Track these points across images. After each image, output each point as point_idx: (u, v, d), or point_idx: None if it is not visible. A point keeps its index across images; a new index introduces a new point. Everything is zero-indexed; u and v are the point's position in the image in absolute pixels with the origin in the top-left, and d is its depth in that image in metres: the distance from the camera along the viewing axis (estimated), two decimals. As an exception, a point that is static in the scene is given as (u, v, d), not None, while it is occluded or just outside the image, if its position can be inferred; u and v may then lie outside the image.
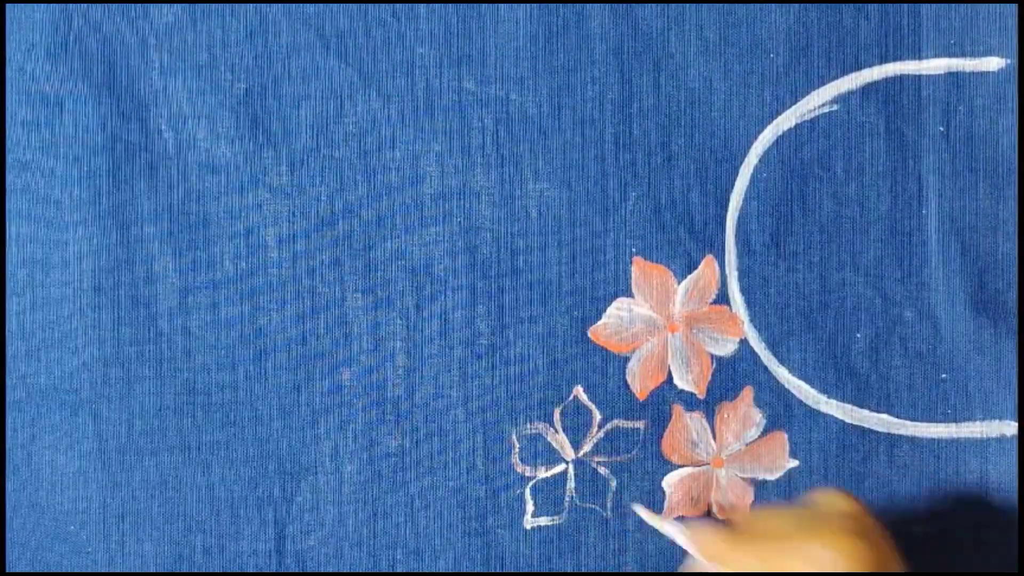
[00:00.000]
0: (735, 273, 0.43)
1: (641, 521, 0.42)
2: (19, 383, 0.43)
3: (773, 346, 0.42)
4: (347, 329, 0.42)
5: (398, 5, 0.42)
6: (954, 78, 0.42)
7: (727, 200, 0.43)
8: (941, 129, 0.42)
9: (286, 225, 0.42)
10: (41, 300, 0.43)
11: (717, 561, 0.36)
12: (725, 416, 0.43)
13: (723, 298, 0.43)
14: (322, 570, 0.43)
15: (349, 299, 0.42)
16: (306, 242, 0.42)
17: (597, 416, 0.43)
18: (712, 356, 0.43)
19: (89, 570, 0.43)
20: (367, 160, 0.42)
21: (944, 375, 0.42)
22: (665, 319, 0.42)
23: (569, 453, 0.43)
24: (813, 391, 0.42)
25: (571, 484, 0.42)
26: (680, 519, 0.42)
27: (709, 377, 0.43)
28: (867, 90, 0.42)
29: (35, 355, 0.43)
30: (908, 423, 0.42)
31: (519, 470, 0.42)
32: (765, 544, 0.35)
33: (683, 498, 0.43)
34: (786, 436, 0.42)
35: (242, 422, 0.42)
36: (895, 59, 0.42)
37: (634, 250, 0.43)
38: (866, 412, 0.42)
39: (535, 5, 0.42)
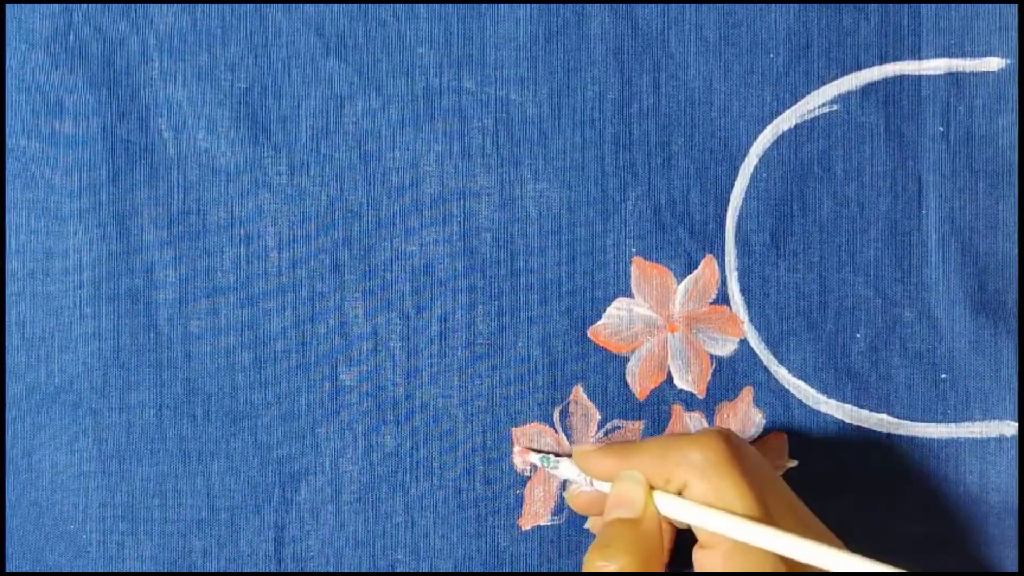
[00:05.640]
0: (735, 273, 0.43)
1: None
2: (19, 383, 0.43)
3: (773, 346, 0.43)
4: (347, 331, 0.42)
5: (398, 5, 0.42)
6: (954, 78, 0.42)
7: (727, 200, 0.43)
8: (941, 129, 0.42)
9: (286, 226, 0.43)
10: (42, 300, 0.43)
11: (605, 478, 0.38)
12: (725, 416, 0.43)
13: (723, 298, 0.43)
14: (321, 571, 0.43)
15: (349, 300, 0.42)
16: (306, 243, 0.42)
17: (597, 416, 0.43)
18: (712, 356, 0.43)
19: (89, 570, 0.43)
20: (367, 161, 0.42)
21: (944, 375, 0.42)
22: (665, 319, 0.43)
23: (569, 453, 0.43)
24: (813, 391, 0.42)
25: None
26: (550, 454, 0.42)
27: (709, 377, 0.43)
28: (867, 90, 0.42)
29: (35, 355, 0.43)
30: (908, 423, 0.42)
31: (519, 470, 0.43)
32: (647, 452, 0.36)
33: (683, 498, 0.43)
34: (786, 436, 0.42)
35: (242, 423, 0.43)
36: (895, 59, 0.42)
37: (634, 250, 0.43)
38: (866, 412, 0.42)
39: (535, 5, 0.42)
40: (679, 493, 0.36)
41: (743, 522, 0.34)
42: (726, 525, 0.34)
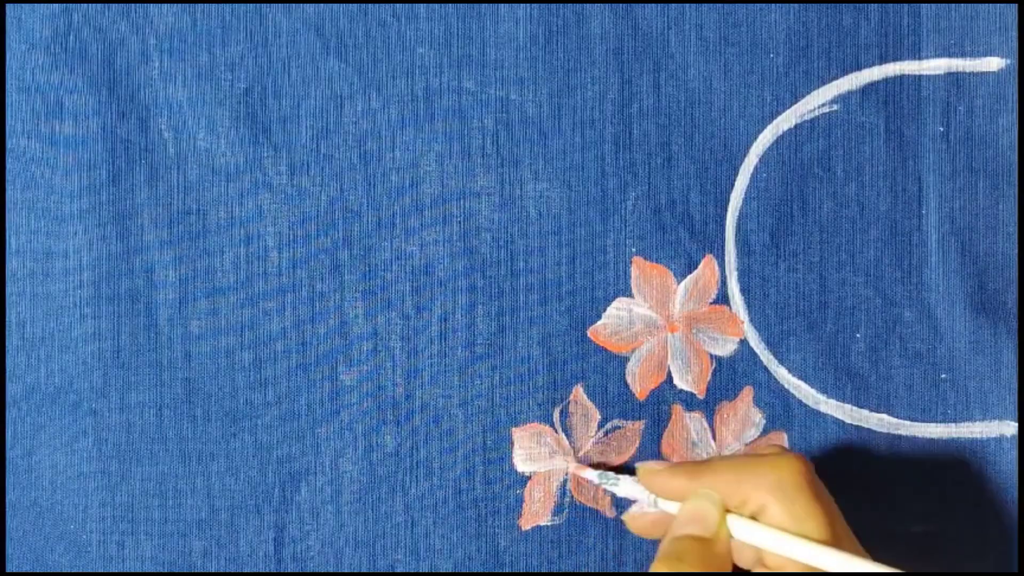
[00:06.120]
0: (735, 273, 0.43)
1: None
2: (19, 384, 0.43)
3: (773, 346, 0.43)
4: (347, 331, 0.42)
5: (398, 5, 0.42)
6: (954, 78, 0.42)
7: (727, 200, 0.43)
8: (941, 129, 0.42)
9: (286, 226, 0.43)
10: (42, 301, 0.43)
11: (674, 498, 0.37)
12: (725, 416, 0.43)
13: (723, 298, 0.43)
14: (321, 571, 0.43)
15: (349, 301, 0.42)
16: (306, 243, 0.42)
17: (597, 416, 0.43)
18: (712, 356, 0.43)
19: (89, 570, 0.43)
20: (367, 161, 0.42)
21: (944, 375, 0.42)
22: (665, 319, 0.43)
23: (569, 453, 0.43)
24: (813, 391, 0.42)
25: (571, 484, 0.42)
26: (621, 469, 0.42)
27: (709, 377, 0.43)
28: (867, 90, 0.42)
29: (35, 356, 0.43)
30: (908, 423, 0.42)
31: (519, 470, 0.43)
32: (722, 472, 0.36)
33: (683, 498, 0.43)
34: (786, 436, 0.42)
35: (242, 424, 0.43)
36: (895, 59, 0.42)
37: (634, 250, 0.43)
38: (866, 412, 0.42)
39: (535, 5, 0.42)
40: (753, 517, 0.35)
41: (824, 549, 0.33)
42: (805, 552, 0.33)
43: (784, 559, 0.34)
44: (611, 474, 0.40)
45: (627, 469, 0.42)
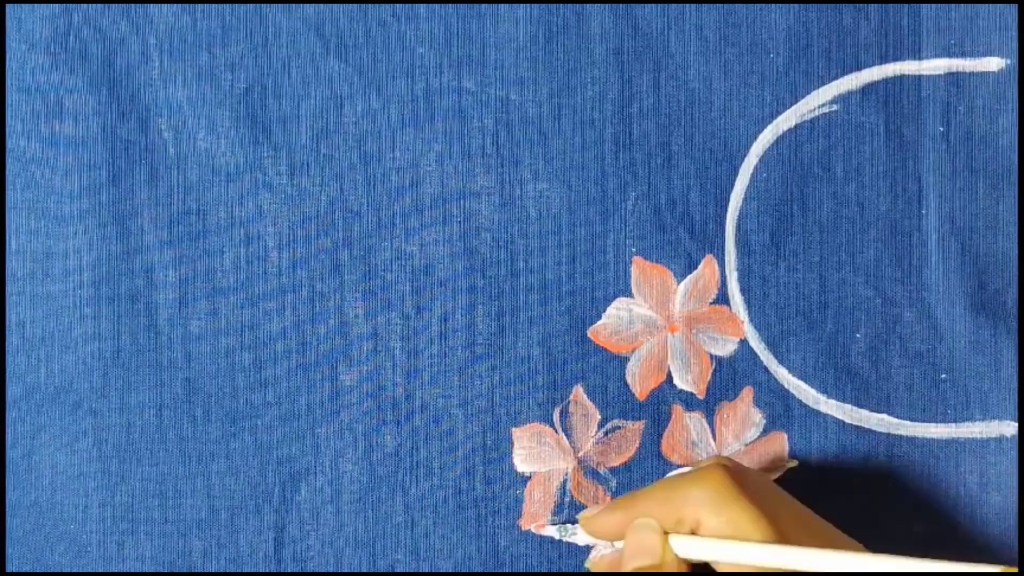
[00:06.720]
0: (735, 273, 0.43)
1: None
2: (19, 384, 0.43)
3: (773, 346, 0.43)
4: (347, 331, 0.42)
5: (398, 5, 0.42)
6: (954, 78, 0.42)
7: (727, 200, 0.43)
8: (941, 129, 0.42)
9: (286, 226, 0.43)
10: (42, 301, 0.43)
11: (618, 537, 0.37)
12: (725, 416, 0.43)
13: (723, 298, 0.43)
14: (321, 571, 0.43)
15: (349, 301, 0.42)
16: (306, 244, 0.42)
17: (597, 416, 0.43)
18: (712, 356, 0.43)
19: (89, 570, 0.43)
20: (367, 161, 0.42)
21: (944, 375, 0.42)
22: (665, 319, 0.43)
23: (569, 453, 0.43)
24: (813, 391, 0.42)
25: (571, 484, 0.42)
26: (565, 522, 0.42)
27: (709, 377, 0.43)
28: (867, 90, 0.42)
29: (36, 356, 0.43)
30: (908, 423, 0.42)
31: (519, 470, 0.43)
32: (652, 498, 0.36)
33: (683, 498, 0.43)
34: (786, 436, 0.42)
35: (242, 424, 0.43)
36: (895, 59, 0.42)
37: (634, 250, 0.43)
38: (866, 412, 0.42)
39: (535, 5, 0.42)
40: (693, 533, 0.35)
41: (763, 548, 0.33)
42: (746, 554, 0.34)
43: (730, 565, 0.34)
44: (569, 526, 0.41)
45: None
